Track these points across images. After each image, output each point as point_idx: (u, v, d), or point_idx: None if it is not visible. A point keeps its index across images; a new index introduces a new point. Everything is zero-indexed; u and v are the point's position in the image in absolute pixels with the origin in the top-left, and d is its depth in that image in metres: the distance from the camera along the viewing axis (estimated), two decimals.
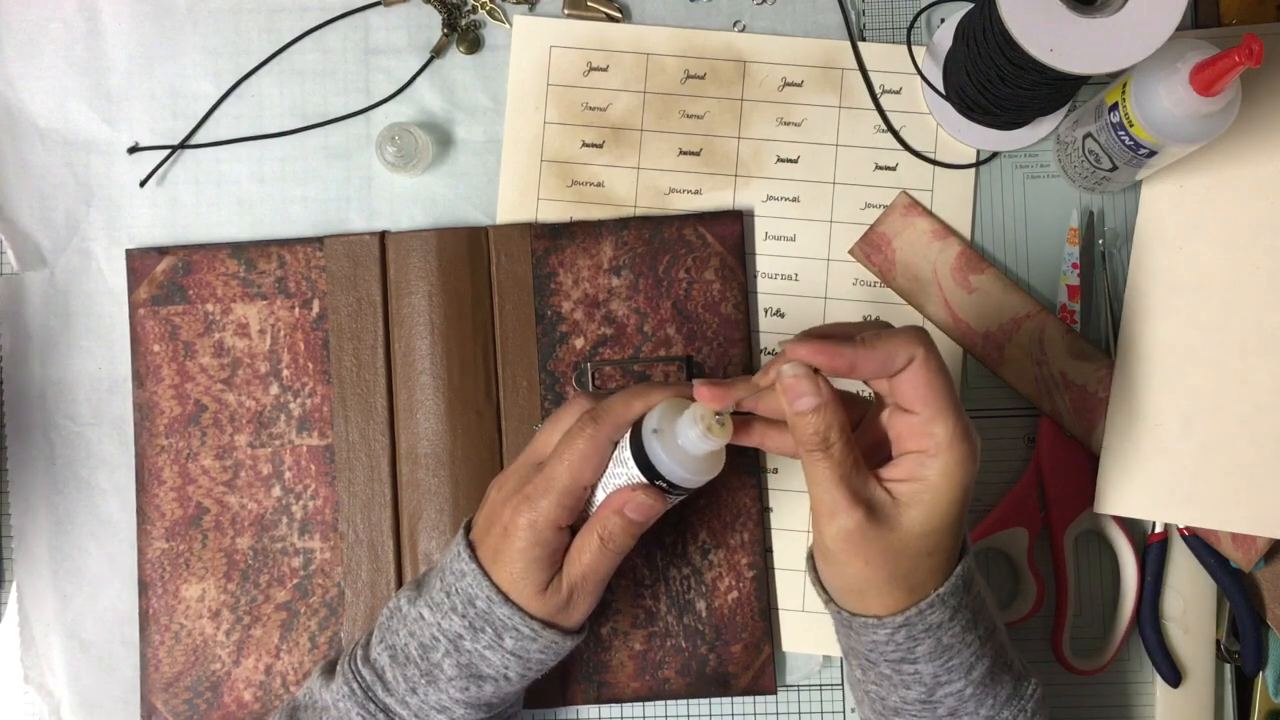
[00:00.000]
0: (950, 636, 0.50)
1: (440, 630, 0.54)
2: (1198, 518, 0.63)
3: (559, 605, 0.54)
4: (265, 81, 0.69)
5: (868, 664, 0.52)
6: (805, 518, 0.66)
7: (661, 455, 0.52)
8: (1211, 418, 0.63)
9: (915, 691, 0.51)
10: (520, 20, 0.69)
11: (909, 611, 0.49)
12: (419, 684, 0.54)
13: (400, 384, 0.66)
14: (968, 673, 0.51)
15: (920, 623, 0.50)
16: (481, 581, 0.53)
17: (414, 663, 0.54)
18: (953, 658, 0.50)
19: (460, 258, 0.66)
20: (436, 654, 0.54)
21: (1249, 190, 0.64)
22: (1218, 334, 0.64)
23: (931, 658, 0.50)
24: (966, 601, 0.51)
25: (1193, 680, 0.65)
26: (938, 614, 0.50)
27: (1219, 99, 0.54)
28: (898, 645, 0.50)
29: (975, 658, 0.51)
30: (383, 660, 0.55)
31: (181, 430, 0.66)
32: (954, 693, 0.51)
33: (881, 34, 0.69)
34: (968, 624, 0.51)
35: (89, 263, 0.68)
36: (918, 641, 0.50)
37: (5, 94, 0.69)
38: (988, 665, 0.51)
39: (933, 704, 0.51)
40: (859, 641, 0.52)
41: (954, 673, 0.51)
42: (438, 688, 0.54)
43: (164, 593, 0.65)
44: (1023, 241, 0.67)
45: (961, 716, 0.52)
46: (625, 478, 0.53)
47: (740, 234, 0.67)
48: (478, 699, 0.55)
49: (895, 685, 0.52)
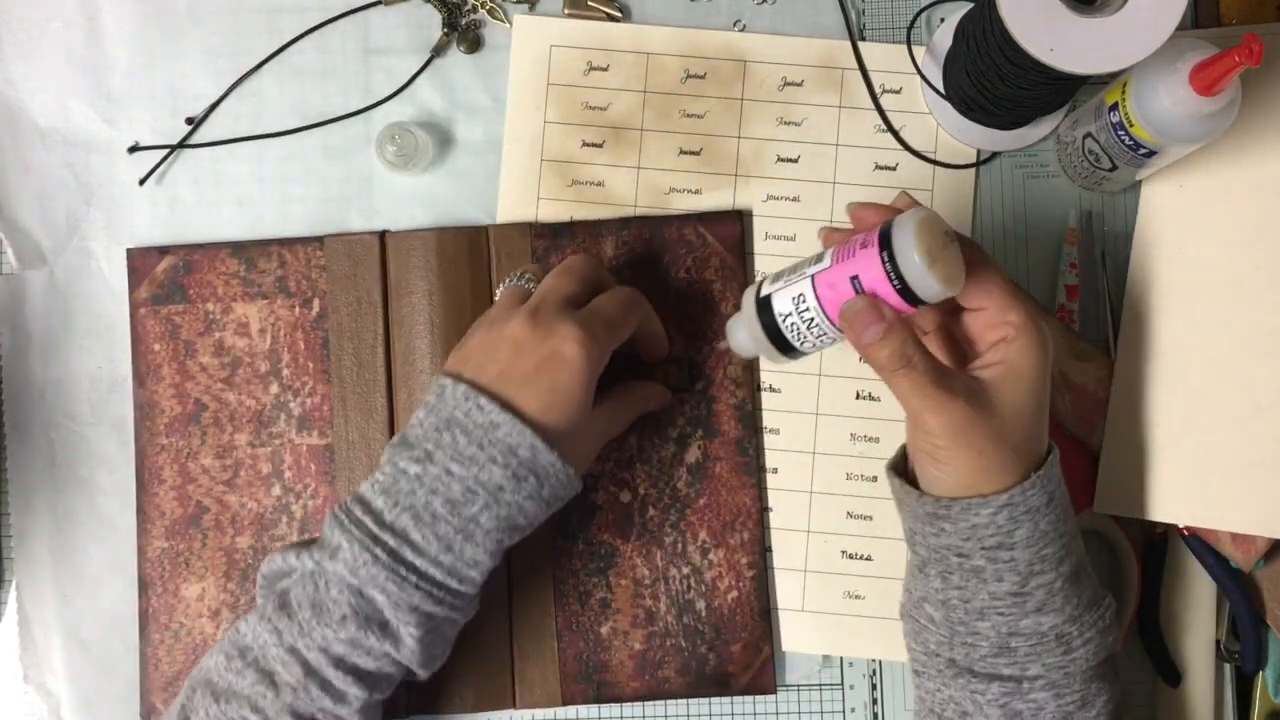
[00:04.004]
0: (1046, 523, 0.51)
1: (478, 483, 0.53)
2: (1198, 518, 0.63)
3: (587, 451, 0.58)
4: (265, 81, 0.69)
5: (959, 559, 0.52)
6: (804, 518, 0.66)
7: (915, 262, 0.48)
8: (1211, 418, 0.63)
9: (1008, 582, 0.51)
10: (520, 20, 0.69)
11: (1012, 490, 0.51)
12: (454, 541, 0.53)
13: (400, 383, 0.66)
14: (1058, 565, 0.52)
15: (1023, 503, 0.51)
16: (522, 430, 0.53)
17: (444, 520, 0.53)
18: (1046, 546, 0.51)
19: (460, 257, 0.66)
20: (472, 508, 0.53)
21: (1249, 190, 0.64)
22: (1218, 334, 0.64)
23: (1029, 543, 0.51)
24: (1059, 494, 0.52)
25: (1193, 680, 0.65)
26: (1037, 496, 0.51)
27: (1219, 99, 0.54)
28: (998, 528, 0.51)
29: (1065, 551, 0.52)
30: (404, 521, 0.53)
31: (182, 429, 0.66)
32: (1045, 584, 0.51)
33: (881, 34, 0.69)
34: (1061, 515, 0.52)
35: (89, 262, 0.68)
36: (1018, 524, 0.51)
37: (5, 93, 0.69)
38: (1074, 562, 0.52)
39: (1023, 596, 0.52)
40: (955, 531, 0.52)
41: (1047, 563, 0.51)
42: (474, 542, 0.53)
43: (164, 592, 0.65)
44: (1022, 241, 0.67)
45: (1048, 613, 0.52)
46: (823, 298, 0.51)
47: (740, 234, 0.67)
48: (501, 551, 0.55)
49: (986, 579, 0.52)
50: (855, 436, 0.66)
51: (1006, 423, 0.51)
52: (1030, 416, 0.52)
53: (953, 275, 0.49)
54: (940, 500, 0.52)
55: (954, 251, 0.50)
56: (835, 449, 0.66)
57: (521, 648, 0.64)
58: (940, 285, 0.48)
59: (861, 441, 0.66)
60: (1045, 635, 0.52)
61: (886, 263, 0.49)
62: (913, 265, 0.48)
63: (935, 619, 0.54)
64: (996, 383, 0.51)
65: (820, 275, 0.51)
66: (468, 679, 0.64)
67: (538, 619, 0.64)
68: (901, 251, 0.48)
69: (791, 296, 0.52)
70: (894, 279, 0.49)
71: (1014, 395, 0.51)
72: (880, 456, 0.66)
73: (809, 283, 0.52)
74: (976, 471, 0.51)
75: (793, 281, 0.53)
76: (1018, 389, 0.51)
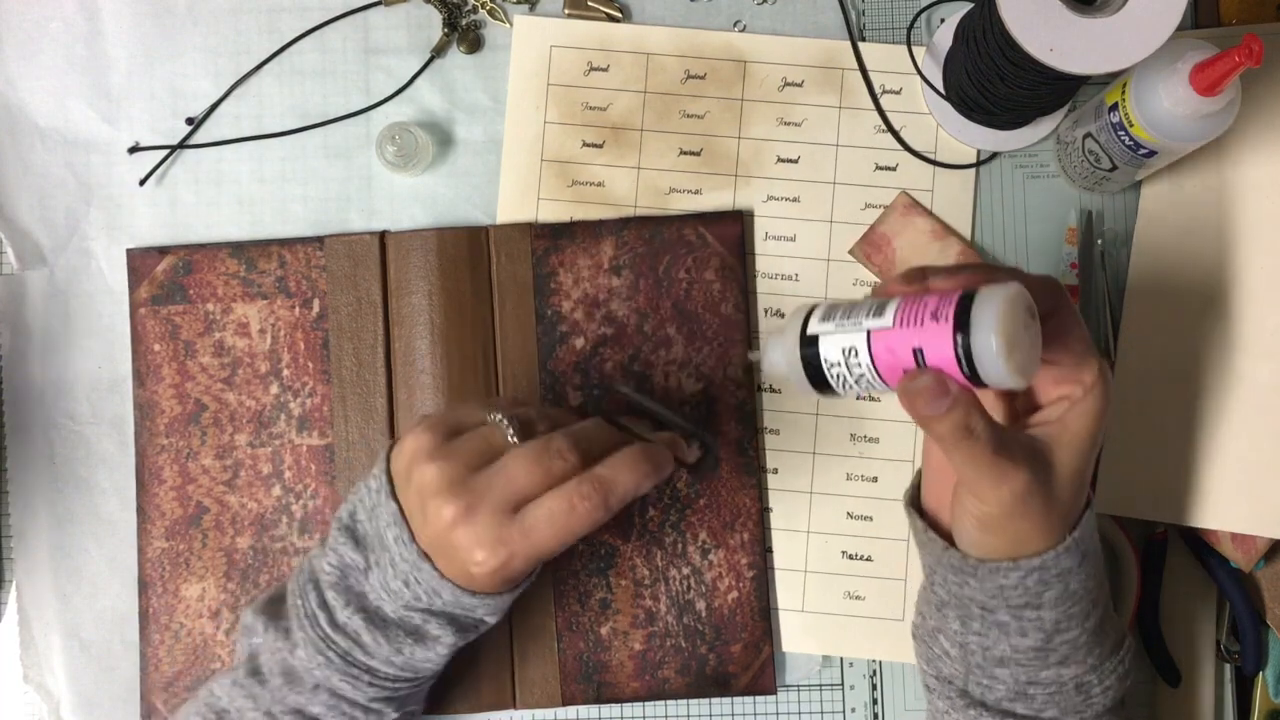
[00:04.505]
0: (1077, 583, 0.49)
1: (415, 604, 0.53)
2: (1198, 518, 0.63)
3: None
4: (265, 81, 0.69)
5: (982, 612, 0.50)
6: (804, 518, 0.66)
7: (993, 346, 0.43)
8: (1211, 418, 0.63)
9: (1032, 639, 0.50)
10: (520, 20, 0.69)
11: (1046, 555, 0.48)
12: (404, 644, 0.53)
13: (400, 384, 0.66)
14: (1084, 620, 0.50)
15: (1055, 567, 0.48)
16: (441, 583, 0.51)
17: (393, 625, 0.53)
18: (1075, 604, 0.49)
19: (460, 257, 0.66)
20: (417, 620, 0.53)
21: (1249, 190, 0.64)
22: (1218, 334, 0.64)
23: (1056, 604, 0.49)
24: (1092, 548, 0.50)
25: (1193, 680, 0.65)
26: (1070, 559, 0.49)
27: (1219, 99, 0.54)
28: (1026, 590, 0.49)
29: (1092, 605, 0.50)
30: (355, 624, 0.53)
31: (182, 429, 0.66)
32: (1069, 640, 0.50)
33: (881, 34, 0.69)
34: (1091, 570, 0.50)
35: (89, 262, 0.68)
36: (1048, 586, 0.49)
37: (5, 94, 0.69)
38: (1100, 614, 0.51)
39: (1046, 651, 0.50)
40: (980, 589, 0.50)
41: (1073, 620, 0.50)
42: (424, 646, 0.53)
43: (164, 592, 0.65)
44: (1023, 241, 0.67)
45: (1070, 665, 0.50)
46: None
47: (740, 234, 0.67)
48: (454, 650, 0.55)
49: (1010, 633, 0.50)
50: (855, 437, 0.66)
51: (1061, 487, 0.48)
52: (1083, 475, 0.49)
53: (1028, 365, 0.44)
54: (968, 559, 0.50)
55: (1033, 335, 0.44)
56: (835, 449, 0.66)
57: (522, 648, 0.64)
58: (1013, 377, 0.43)
59: (862, 442, 0.66)
60: (1065, 684, 0.51)
61: (959, 346, 0.44)
62: (988, 354, 0.43)
63: (951, 654, 0.53)
64: (1057, 444, 0.48)
65: (879, 334, 0.46)
66: (468, 679, 0.64)
67: (538, 619, 0.64)
68: (979, 338, 0.43)
69: (843, 347, 0.47)
70: (963, 365, 0.44)
71: (1071, 456, 0.48)
72: (881, 458, 0.66)
73: (864, 338, 0.46)
74: (1022, 537, 0.48)
75: (846, 329, 0.47)
76: (1077, 449, 0.48)
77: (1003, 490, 0.46)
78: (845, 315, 0.47)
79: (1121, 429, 0.64)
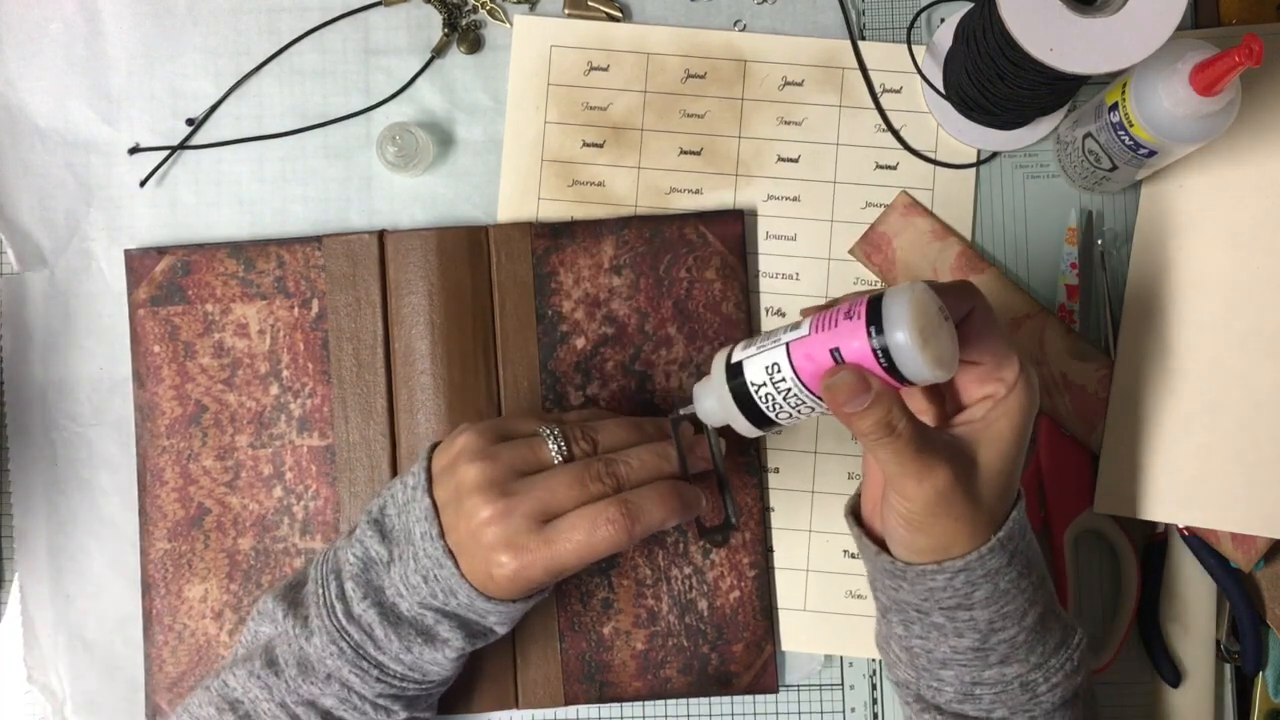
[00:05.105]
0: (1007, 582, 0.50)
1: (430, 602, 0.54)
2: (1198, 518, 0.63)
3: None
4: (265, 81, 0.69)
5: (918, 614, 0.52)
6: (806, 518, 0.66)
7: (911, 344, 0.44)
8: (1211, 418, 0.63)
9: (968, 639, 0.51)
10: (521, 20, 0.69)
11: (969, 556, 0.49)
12: (414, 643, 0.54)
13: (400, 384, 0.66)
14: (1021, 619, 0.51)
15: (980, 568, 0.49)
16: (460, 583, 0.53)
17: (407, 622, 0.54)
18: (1008, 604, 0.50)
19: (460, 257, 0.66)
20: (429, 620, 0.54)
21: (1249, 190, 0.64)
22: (1218, 334, 0.64)
23: (988, 603, 0.50)
24: (1021, 547, 0.51)
25: (1193, 680, 0.65)
26: (996, 559, 0.49)
27: (1219, 99, 0.54)
28: (955, 591, 0.50)
29: (1028, 604, 0.51)
30: (370, 617, 0.54)
31: (182, 431, 0.66)
32: (1007, 639, 0.51)
33: (881, 34, 0.69)
34: (1023, 570, 0.51)
35: (89, 263, 0.68)
36: (975, 587, 0.49)
37: (5, 94, 0.69)
38: (1039, 612, 0.51)
39: (985, 651, 0.51)
40: (912, 591, 0.51)
41: (1009, 619, 0.50)
42: (434, 647, 0.54)
43: (167, 593, 0.65)
44: (1023, 241, 0.67)
45: (1011, 664, 0.51)
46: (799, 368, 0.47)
47: (741, 233, 0.67)
48: (465, 656, 0.56)
49: (947, 634, 0.51)
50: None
51: (985, 485, 0.49)
52: (1009, 475, 0.50)
53: (945, 358, 0.44)
54: (895, 564, 0.51)
55: (948, 332, 0.45)
56: (837, 449, 0.67)
57: (524, 648, 0.65)
58: (931, 369, 0.44)
59: None
60: (1009, 683, 0.51)
61: (873, 337, 0.44)
62: (904, 346, 0.44)
63: (901, 659, 0.55)
64: (979, 441, 0.49)
65: (796, 344, 0.47)
66: (470, 679, 0.64)
67: (540, 619, 0.65)
68: (893, 330, 0.44)
69: (765, 365, 0.48)
70: (880, 357, 0.44)
71: (996, 455, 0.49)
72: None
73: (783, 351, 0.48)
74: (948, 537, 0.49)
75: (766, 349, 0.49)
76: (1002, 448, 0.49)
77: (925, 487, 0.47)
78: (765, 338, 0.49)
79: (1121, 429, 0.64)
